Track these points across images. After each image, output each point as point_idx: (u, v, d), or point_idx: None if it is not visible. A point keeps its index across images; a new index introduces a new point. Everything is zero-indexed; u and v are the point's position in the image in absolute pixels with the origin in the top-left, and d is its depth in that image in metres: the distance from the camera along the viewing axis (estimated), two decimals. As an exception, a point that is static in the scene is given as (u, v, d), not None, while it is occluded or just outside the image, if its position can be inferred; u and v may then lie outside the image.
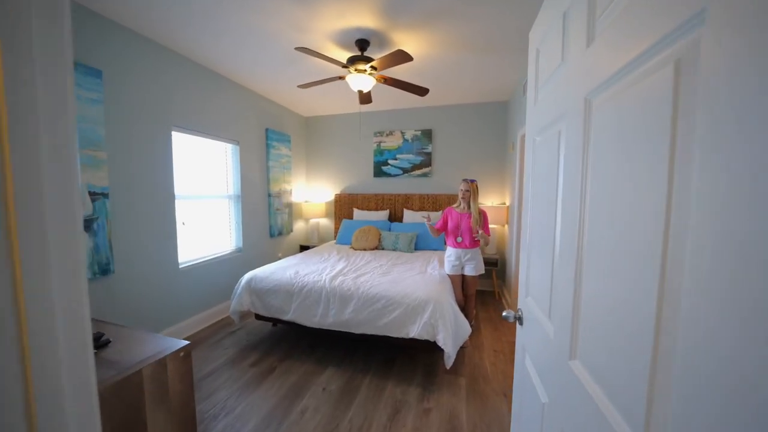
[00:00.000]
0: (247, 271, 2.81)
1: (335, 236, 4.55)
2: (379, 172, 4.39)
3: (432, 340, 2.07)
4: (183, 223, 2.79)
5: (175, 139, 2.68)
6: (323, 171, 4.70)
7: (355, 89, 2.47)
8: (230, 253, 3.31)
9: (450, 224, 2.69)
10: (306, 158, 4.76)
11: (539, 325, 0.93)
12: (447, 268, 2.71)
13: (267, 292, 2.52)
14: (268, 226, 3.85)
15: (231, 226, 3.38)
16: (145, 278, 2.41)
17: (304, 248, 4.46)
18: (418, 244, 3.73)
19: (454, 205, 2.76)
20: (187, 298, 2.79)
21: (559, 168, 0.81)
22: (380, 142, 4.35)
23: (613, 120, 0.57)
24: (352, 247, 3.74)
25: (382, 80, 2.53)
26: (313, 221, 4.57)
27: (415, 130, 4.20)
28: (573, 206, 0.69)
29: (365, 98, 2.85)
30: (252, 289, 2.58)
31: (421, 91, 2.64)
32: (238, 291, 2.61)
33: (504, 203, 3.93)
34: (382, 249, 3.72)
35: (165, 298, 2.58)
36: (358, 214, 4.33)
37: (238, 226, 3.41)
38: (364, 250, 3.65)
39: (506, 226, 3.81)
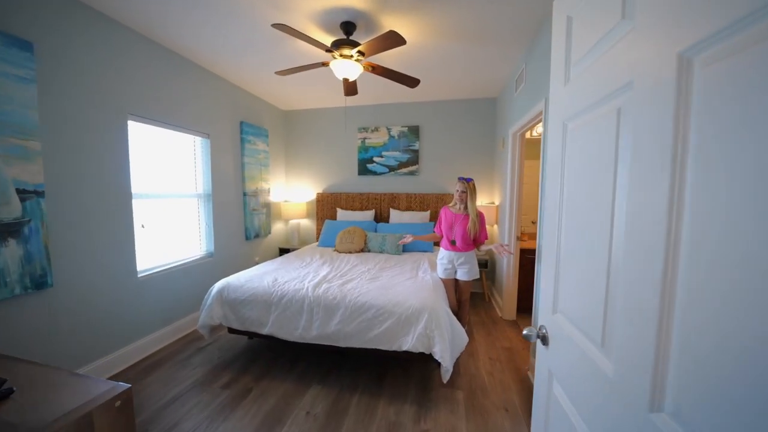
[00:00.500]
0: (219, 279, 2.51)
1: (317, 238, 4.29)
2: (363, 170, 4.17)
3: (428, 352, 1.89)
4: (142, 226, 2.44)
5: (133, 129, 2.34)
6: (304, 169, 4.41)
7: (340, 77, 2.24)
8: (200, 259, 2.97)
9: (444, 224, 2.52)
10: (285, 155, 4.45)
11: (580, 353, 0.75)
12: (439, 272, 2.55)
13: (242, 302, 2.24)
14: (243, 227, 3.53)
15: (201, 228, 3.05)
16: (94, 291, 2.06)
17: (283, 251, 4.16)
18: (406, 246, 3.54)
19: (450, 204, 2.60)
20: (148, 311, 2.45)
21: (618, 156, 0.63)
22: (365, 139, 4.13)
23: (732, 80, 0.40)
24: (336, 250, 3.50)
25: (370, 68, 2.31)
26: (293, 222, 4.28)
27: (402, 127, 4.02)
28: (655, 202, 0.52)
29: (351, 89, 2.63)
30: (224, 299, 2.29)
31: (412, 82, 2.45)
32: (208, 302, 2.31)
33: (493, 202, 3.83)
34: (369, 251, 3.51)
35: (120, 313, 2.24)
36: (341, 214, 4.09)
37: (209, 228, 3.08)
38: (350, 252, 3.43)
39: (495, 225, 3.71)
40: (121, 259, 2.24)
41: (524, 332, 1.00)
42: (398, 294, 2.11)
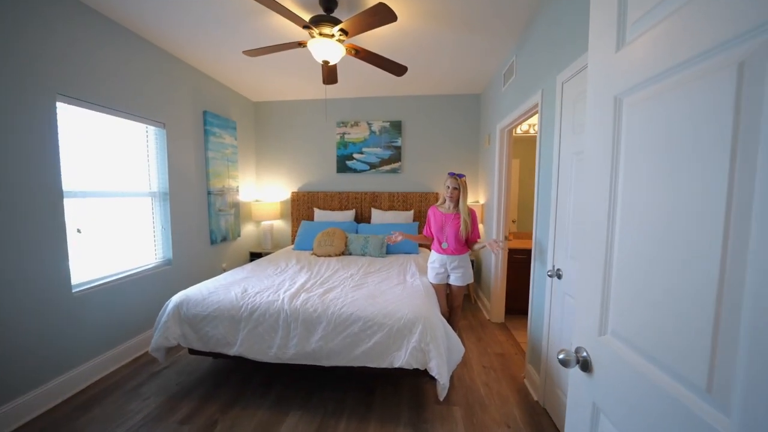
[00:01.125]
0: (178, 290, 2.15)
1: (293, 241, 3.96)
2: (343, 168, 3.91)
3: (423, 368, 1.69)
4: (78, 231, 2.03)
5: (65, 113, 1.93)
6: (277, 165, 4.06)
7: (320, 59, 1.98)
8: (155, 268, 2.57)
9: (434, 226, 2.34)
10: (256, 150, 4.08)
11: (660, 394, 0.57)
12: (430, 276, 2.36)
13: (204, 319, 1.92)
14: (207, 230, 3.14)
15: (156, 232, 2.64)
16: (14, 310, 1.65)
17: (255, 256, 3.79)
18: (390, 247, 3.34)
19: (438, 203, 2.42)
20: (88, 332, 2.05)
21: (738, 129, 0.45)
22: (344, 134, 3.87)
23: None
24: (315, 254, 3.22)
25: (353, 52, 2.08)
26: (265, 224, 3.92)
27: (384, 122, 3.81)
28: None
29: (330, 75, 2.37)
30: (183, 316, 1.95)
31: (399, 69, 2.24)
32: (163, 319, 1.96)
33: (478, 201, 3.72)
34: (350, 254, 3.26)
35: (50, 336, 1.83)
36: (319, 214, 3.80)
37: (166, 231, 2.68)
38: (329, 256, 3.16)
39: (481, 225, 3.60)
40: (51, 271, 1.83)
41: (560, 356, 0.82)
42: (388, 303, 1.89)
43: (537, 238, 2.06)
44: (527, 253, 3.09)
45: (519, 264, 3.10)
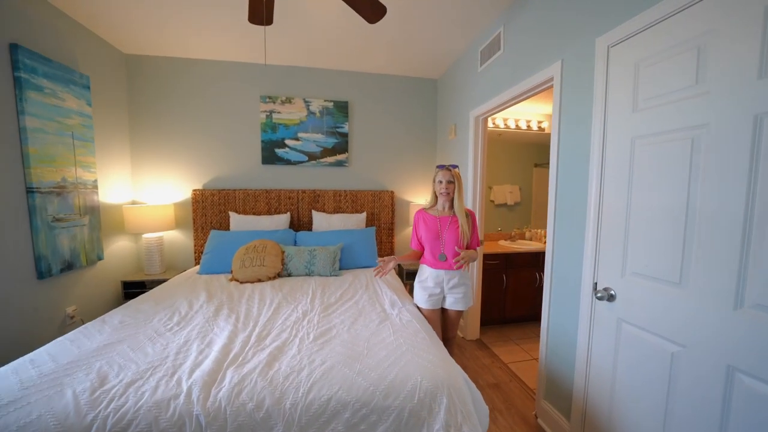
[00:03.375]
0: None
1: (197, 261, 2.80)
2: (271, 157, 2.94)
3: (454, 470, 1.05)
4: None
5: None
6: (169, 151, 2.81)
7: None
8: None
9: (425, 234, 1.73)
10: (131, 126, 2.73)
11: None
12: (420, 300, 1.75)
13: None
14: (30, 255, 1.81)
15: None
16: None
17: (132, 289, 2.50)
18: (343, 261, 2.58)
19: (425, 205, 1.82)
20: None
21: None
22: (272, 112, 2.90)
23: None
24: (235, 279, 2.22)
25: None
26: (150, 238, 2.64)
27: (326, 101, 3.00)
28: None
29: (263, 11, 1.49)
30: None
31: (373, 11, 1.54)
32: None
33: (436, 201, 3.27)
34: (289, 275, 2.38)
35: None
36: (238, 221, 2.75)
37: None
38: (259, 281, 2.22)
39: (444, 228, 3.15)
40: None
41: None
42: (382, 365, 1.19)
43: (554, 249, 1.64)
44: (499, 258, 2.78)
45: (490, 271, 2.76)
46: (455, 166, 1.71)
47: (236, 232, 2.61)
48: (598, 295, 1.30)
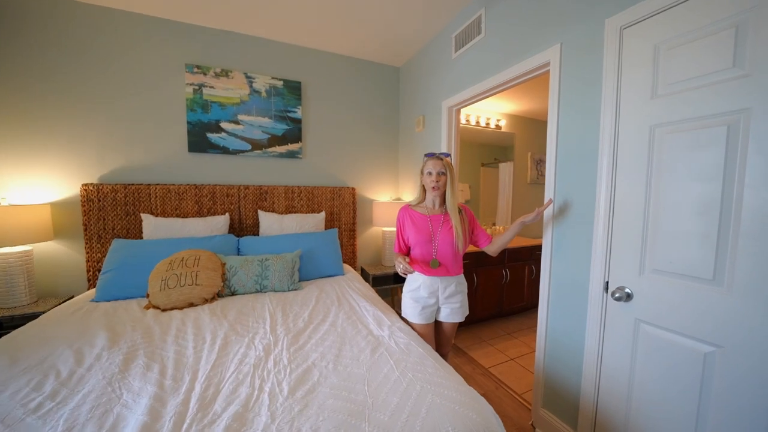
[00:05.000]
0: None
1: (92, 283, 2.04)
2: (201, 143, 2.31)
3: None
4: None
5: None
6: (43, 130, 1.97)
7: None
8: None
9: (413, 236, 1.45)
10: (-31, 91, 1.84)
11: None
12: (410, 314, 1.47)
13: None
14: None
15: None
16: None
17: (-26, 329, 1.66)
18: (303, 270, 2.14)
19: (412, 202, 1.54)
20: None
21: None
22: (202, 86, 2.28)
23: None
24: (154, 306, 1.62)
25: None
26: (8, 253, 1.80)
27: (275, 79, 2.49)
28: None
29: None
30: None
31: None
32: None
33: (400, 198, 3.04)
34: (233, 294, 1.85)
35: None
36: (155, 226, 2.08)
37: None
38: (191, 305, 1.65)
39: (411, 228, 2.92)
40: None
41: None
42: (399, 416, 0.87)
43: (553, 245, 1.52)
44: (470, 257, 2.66)
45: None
46: (447, 155, 1.47)
47: (153, 241, 1.95)
48: (616, 295, 1.19)
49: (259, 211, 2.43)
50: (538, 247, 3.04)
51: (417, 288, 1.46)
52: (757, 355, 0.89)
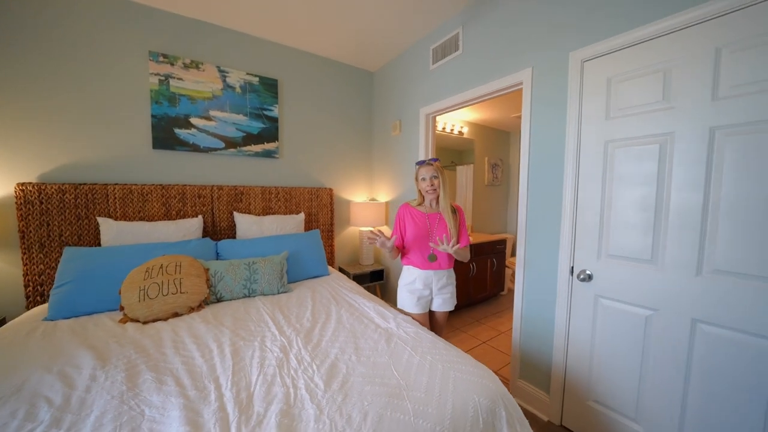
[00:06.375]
0: None
1: (30, 301, 1.74)
2: (168, 140, 2.11)
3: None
4: None
5: None
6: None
7: None
8: None
9: (412, 231, 1.58)
10: None
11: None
12: (407, 304, 1.60)
13: None
14: None
15: None
16: None
17: None
18: (289, 272, 2.11)
19: (412, 201, 1.65)
20: None
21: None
22: (169, 77, 2.09)
23: None
24: (132, 319, 1.47)
25: None
26: None
27: (250, 75, 2.38)
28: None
29: None
30: None
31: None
32: None
33: (374, 199, 3.14)
34: (219, 300, 1.76)
35: None
36: (116, 231, 1.85)
37: None
38: (176, 315, 1.54)
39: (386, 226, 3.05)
40: None
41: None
42: (433, 393, 0.98)
43: (526, 238, 1.77)
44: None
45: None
46: (436, 159, 1.62)
47: (117, 248, 1.74)
48: (580, 277, 1.47)
49: (234, 212, 2.31)
50: (500, 242, 3.41)
51: (413, 281, 1.59)
52: (681, 313, 1.21)
